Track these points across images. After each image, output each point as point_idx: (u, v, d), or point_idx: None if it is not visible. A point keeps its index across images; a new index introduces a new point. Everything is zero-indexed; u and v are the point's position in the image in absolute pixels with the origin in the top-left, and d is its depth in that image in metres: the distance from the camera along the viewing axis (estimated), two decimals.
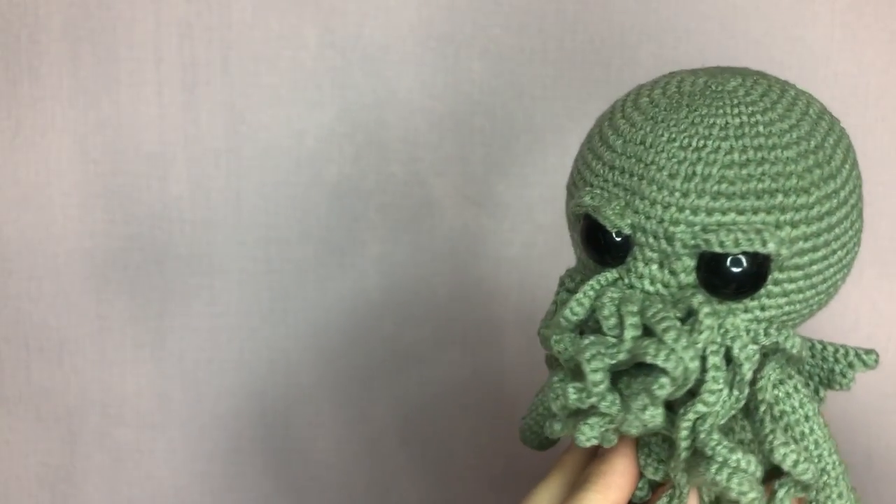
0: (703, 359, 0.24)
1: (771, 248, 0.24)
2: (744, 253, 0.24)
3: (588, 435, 0.25)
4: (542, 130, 0.55)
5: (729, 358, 0.25)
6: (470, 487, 0.59)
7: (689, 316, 0.24)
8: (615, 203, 0.25)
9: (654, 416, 0.24)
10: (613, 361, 0.24)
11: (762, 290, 0.25)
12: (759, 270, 0.25)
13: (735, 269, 0.24)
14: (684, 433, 0.25)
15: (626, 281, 0.25)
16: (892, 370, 0.57)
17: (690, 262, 0.25)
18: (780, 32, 0.54)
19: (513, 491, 0.59)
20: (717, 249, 0.24)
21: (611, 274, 0.25)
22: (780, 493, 0.26)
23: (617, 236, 0.25)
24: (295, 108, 0.54)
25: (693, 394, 0.25)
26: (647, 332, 0.24)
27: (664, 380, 0.23)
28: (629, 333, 0.24)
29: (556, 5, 0.53)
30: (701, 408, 0.24)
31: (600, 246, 0.26)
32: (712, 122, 0.25)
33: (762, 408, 0.26)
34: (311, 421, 0.58)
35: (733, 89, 0.26)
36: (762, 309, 0.26)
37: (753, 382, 0.26)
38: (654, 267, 0.25)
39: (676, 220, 0.24)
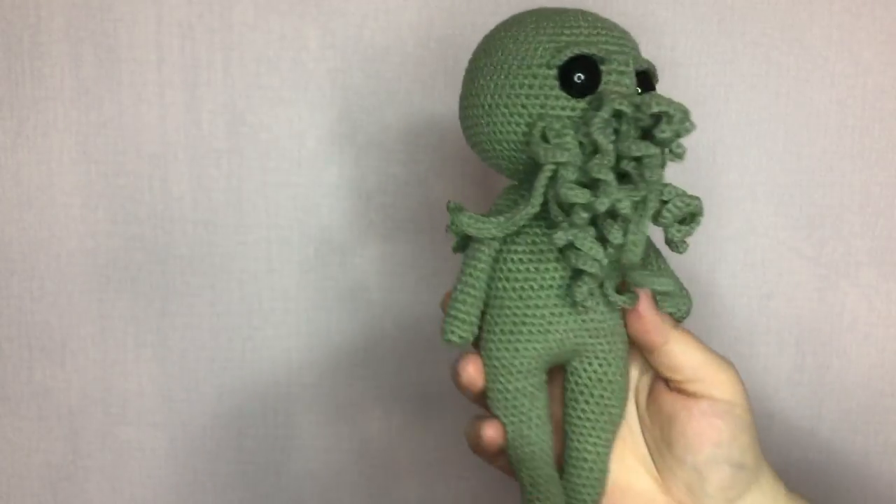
0: None
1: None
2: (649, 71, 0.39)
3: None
4: None
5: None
6: (470, 487, 0.59)
7: None
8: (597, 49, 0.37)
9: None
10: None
11: None
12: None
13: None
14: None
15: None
16: (891, 369, 0.57)
17: (634, 78, 0.38)
18: (778, 33, 0.54)
19: (513, 491, 0.59)
20: (644, 66, 0.39)
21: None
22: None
23: (582, 78, 0.37)
24: (296, 108, 0.54)
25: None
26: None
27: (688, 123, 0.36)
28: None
29: (554, 7, 0.54)
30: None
31: (575, 87, 0.37)
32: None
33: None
34: (311, 420, 0.58)
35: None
36: None
37: None
38: (617, 86, 0.37)
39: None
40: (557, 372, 0.42)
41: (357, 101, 0.55)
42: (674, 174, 0.56)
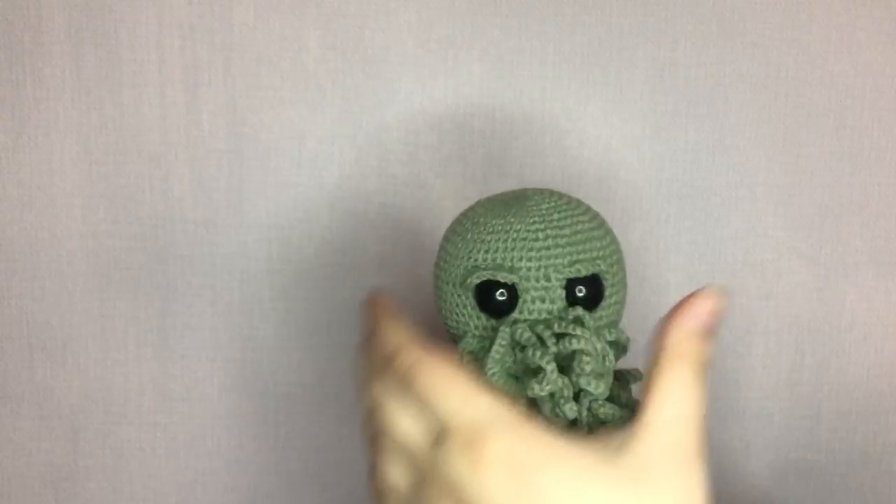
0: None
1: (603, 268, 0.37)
2: (593, 275, 0.37)
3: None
4: (540, 132, 0.55)
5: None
6: None
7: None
8: (504, 272, 0.36)
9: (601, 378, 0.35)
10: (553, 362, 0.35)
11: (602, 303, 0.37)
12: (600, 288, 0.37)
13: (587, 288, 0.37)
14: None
15: (521, 320, 0.36)
16: (889, 369, 0.58)
17: (562, 291, 0.36)
18: (777, 34, 0.54)
19: None
20: (578, 275, 0.36)
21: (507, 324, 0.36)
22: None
23: (506, 294, 0.36)
24: (296, 109, 0.55)
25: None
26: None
27: (587, 357, 0.34)
28: (551, 342, 0.35)
29: (554, 8, 0.54)
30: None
31: (494, 306, 0.36)
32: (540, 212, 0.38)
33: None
34: (312, 420, 0.58)
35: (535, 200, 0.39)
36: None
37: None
38: (539, 302, 0.36)
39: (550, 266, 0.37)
40: None
41: (357, 101, 0.55)
42: (674, 173, 0.56)
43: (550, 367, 0.34)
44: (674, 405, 0.32)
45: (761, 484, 0.59)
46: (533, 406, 0.35)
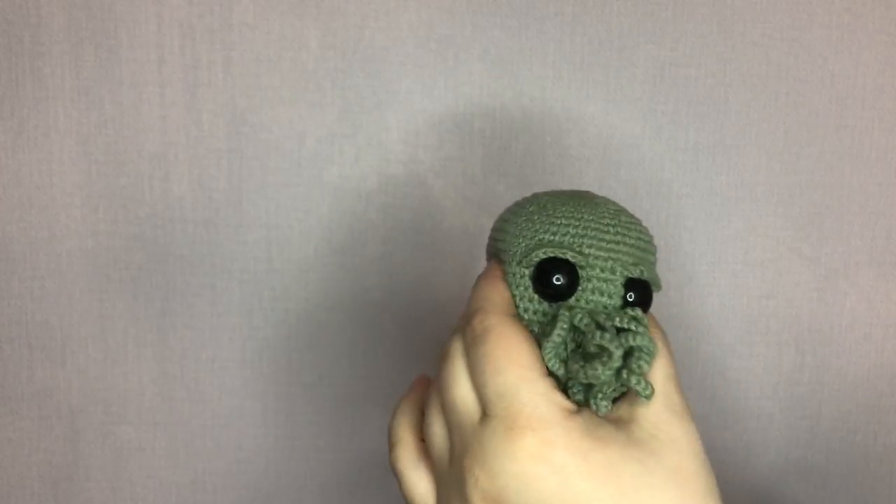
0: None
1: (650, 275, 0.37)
2: (647, 281, 0.37)
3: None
4: (540, 132, 0.55)
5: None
6: None
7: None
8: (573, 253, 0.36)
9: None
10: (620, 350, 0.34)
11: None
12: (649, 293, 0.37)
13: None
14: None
15: (582, 304, 0.36)
16: (889, 369, 0.58)
17: (621, 288, 0.36)
18: (778, 34, 0.54)
19: None
20: (636, 274, 0.36)
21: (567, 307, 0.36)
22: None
23: (563, 280, 0.35)
24: (296, 109, 0.55)
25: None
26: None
27: (647, 356, 0.34)
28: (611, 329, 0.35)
29: (555, 7, 0.54)
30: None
31: (549, 290, 0.36)
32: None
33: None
34: (311, 420, 0.58)
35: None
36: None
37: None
38: (598, 294, 0.36)
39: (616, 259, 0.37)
40: None
41: (357, 101, 0.55)
42: (674, 173, 0.56)
43: (619, 353, 0.33)
44: (659, 367, 0.34)
45: (761, 484, 0.59)
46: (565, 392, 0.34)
